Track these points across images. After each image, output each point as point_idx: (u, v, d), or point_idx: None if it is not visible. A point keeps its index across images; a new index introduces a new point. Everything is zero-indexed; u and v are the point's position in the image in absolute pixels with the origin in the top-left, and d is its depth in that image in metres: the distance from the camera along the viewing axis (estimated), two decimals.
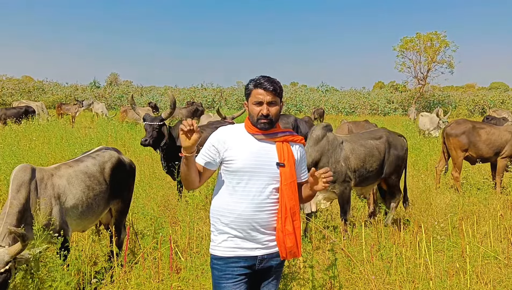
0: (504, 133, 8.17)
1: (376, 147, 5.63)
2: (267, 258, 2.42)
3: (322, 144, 5.26)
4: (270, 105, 2.41)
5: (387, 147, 5.73)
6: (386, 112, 38.07)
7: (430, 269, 4.18)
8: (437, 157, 10.89)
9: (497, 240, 5.39)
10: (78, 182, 3.94)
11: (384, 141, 5.72)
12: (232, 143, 2.43)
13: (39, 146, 10.68)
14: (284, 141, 2.47)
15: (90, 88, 43.53)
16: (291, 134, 2.53)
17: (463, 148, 8.20)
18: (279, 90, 2.45)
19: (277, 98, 2.45)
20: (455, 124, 8.51)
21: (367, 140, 5.63)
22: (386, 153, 5.70)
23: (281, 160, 2.40)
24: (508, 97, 41.06)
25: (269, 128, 2.43)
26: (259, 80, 2.44)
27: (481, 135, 8.17)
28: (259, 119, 2.41)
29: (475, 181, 8.05)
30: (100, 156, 4.36)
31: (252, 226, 2.35)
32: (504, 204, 6.83)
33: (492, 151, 8.10)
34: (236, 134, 2.47)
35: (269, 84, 2.41)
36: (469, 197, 6.91)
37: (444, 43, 36.37)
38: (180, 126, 2.24)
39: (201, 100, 36.79)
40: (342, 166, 5.29)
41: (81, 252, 4.09)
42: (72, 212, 3.82)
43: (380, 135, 5.79)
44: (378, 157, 5.60)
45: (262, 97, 2.40)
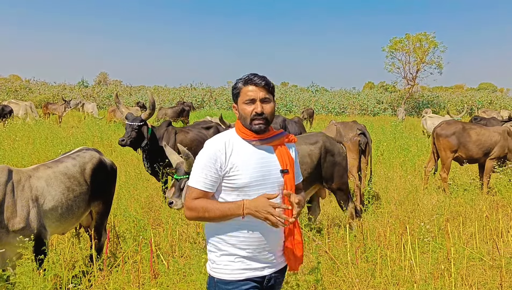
0: (494, 134, 8.17)
1: (308, 153, 5.26)
2: (274, 276, 2.28)
3: None
4: (264, 102, 2.20)
5: (323, 153, 5.35)
6: (376, 112, 38.18)
7: (415, 271, 4.14)
8: (425, 158, 10.89)
9: (483, 241, 5.37)
10: (58, 183, 3.84)
11: (319, 147, 5.34)
12: (230, 156, 2.17)
13: (22, 146, 10.51)
14: (281, 145, 2.29)
15: (78, 87, 43.15)
16: (283, 135, 2.33)
17: (453, 149, 8.19)
18: (271, 85, 2.24)
19: (270, 95, 2.24)
20: (445, 125, 8.48)
21: (300, 145, 5.21)
22: (321, 159, 5.33)
23: (284, 166, 2.22)
24: (496, 98, 41.41)
25: (265, 129, 2.21)
26: (249, 76, 2.22)
27: (471, 136, 8.16)
28: (253, 119, 2.18)
29: (462, 182, 8.05)
30: (80, 156, 4.27)
31: (263, 244, 2.19)
32: (490, 205, 6.83)
33: (482, 152, 8.10)
34: (230, 144, 2.21)
35: (260, 79, 2.20)
36: (456, 198, 6.89)
37: (433, 44, 36.54)
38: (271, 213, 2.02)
39: (190, 99, 36.61)
40: None
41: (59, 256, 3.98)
42: (51, 214, 3.71)
43: (315, 140, 5.41)
44: (310, 163, 5.23)
45: (254, 94, 2.19)
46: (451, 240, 4.66)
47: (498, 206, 6.63)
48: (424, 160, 10.62)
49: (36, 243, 3.48)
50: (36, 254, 3.48)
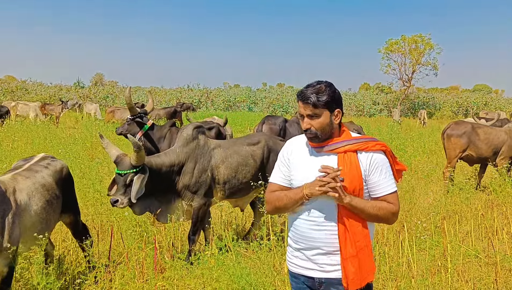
0: (501, 133, 8.46)
1: (251, 154, 5.03)
2: (326, 283, 2.20)
3: (191, 147, 4.70)
4: (311, 118, 2.19)
5: (266, 153, 5.14)
6: (372, 113, 38.34)
7: (413, 267, 4.24)
8: (421, 158, 11.03)
9: (478, 239, 5.49)
10: (39, 197, 3.55)
11: (262, 146, 5.14)
12: (294, 157, 2.30)
13: (21, 146, 10.55)
14: (347, 151, 2.20)
15: (75, 88, 43.06)
16: (360, 142, 2.23)
17: (463, 148, 8.40)
18: (317, 102, 2.16)
19: (319, 110, 2.17)
20: (454, 125, 8.78)
21: (242, 146, 5.03)
22: (264, 160, 5.12)
23: (341, 174, 2.11)
24: (491, 99, 41.66)
25: (318, 142, 2.23)
26: (301, 91, 2.23)
27: (480, 135, 8.43)
28: (305, 133, 2.25)
29: (458, 181, 8.17)
30: (52, 166, 3.94)
31: (309, 245, 2.21)
32: (486, 204, 6.96)
33: (491, 150, 8.35)
34: (299, 147, 2.33)
35: (311, 94, 2.17)
36: (452, 197, 7.02)
37: (429, 45, 36.67)
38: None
39: (187, 100, 36.63)
40: (208, 177, 4.70)
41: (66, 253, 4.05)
42: (30, 231, 3.42)
43: (257, 140, 5.21)
44: (253, 165, 5.00)
45: (302, 110, 2.21)
46: (448, 238, 4.77)
47: (493, 205, 6.75)
48: (420, 160, 10.75)
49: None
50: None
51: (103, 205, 5.82)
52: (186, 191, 4.63)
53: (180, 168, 4.60)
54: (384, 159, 2.26)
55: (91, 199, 5.96)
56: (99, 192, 6.01)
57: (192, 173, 4.62)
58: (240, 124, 20.46)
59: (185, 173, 4.60)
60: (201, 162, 4.68)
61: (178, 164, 4.59)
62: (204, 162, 4.71)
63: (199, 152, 4.72)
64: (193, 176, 4.62)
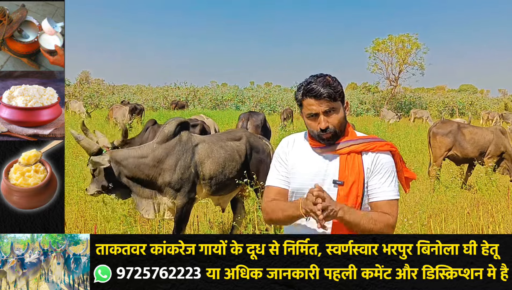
0: (487, 132, 8.55)
1: (237, 149, 4.96)
2: None
3: (172, 143, 4.56)
4: (328, 115, 1.95)
5: (248, 149, 5.08)
6: (359, 112, 38.52)
7: None
8: (407, 157, 11.08)
9: None
10: None
11: (244, 142, 5.07)
12: (292, 157, 2.07)
13: None
14: (351, 152, 2.00)
15: None
16: (366, 142, 2.04)
17: (448, 147, 8.46)
18: (335, 94, 1.94)
19: (336, 103, 1.96)
20: (441, 124, 8.87)
21: (227, 142, 4.95)
22: (247, 156, 5.06)
23: (342, 177, 1.96)
24: (476, 99, 42.12)
25: (335, 141, 2.00)
26: (308, 85, 1.95)
27: (465, 135, 8.50)
28: (320, 135, 1.97)
29: (444, 180, 8.23)
30: None
31: None
32: (471, 202, 7.00)
33: (477, 150, 8.42)
34: (297, 146, 2.09)
35: (321, 88, 1.92)
36: (438, 196, 7.06)
37: (416, 45, 37.01)
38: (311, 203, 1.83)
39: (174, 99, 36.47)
40: (192, 173, 4.60)
41: None
42: None
43: (240, 135, 5.14)
44: (239, 161, 4.93)
45: (316, 108, 1.94)
46: None
47: (479, 204, 6.79)
48: (406, 160, 10.79)
49: None
50: None
51: (87, 203, 5.73)
52: (167, 188, 4.54)
53: (157, 163, 4.46)
54: (390, 162, 2.04)
55: (75, 198, 5.88)
56: (83, 190, 5.91)
57: (173, 170, 4.51)
58: (228, 122, 20.40)
59: (164, 170, 4.49)
60: (183, 159, 4.56)
61: (153, 158, 4.44)
62: (187, 158, 4.58)
63: (181, 148, 4.58)
64: (174, 173, 4.53)
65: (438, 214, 6.20)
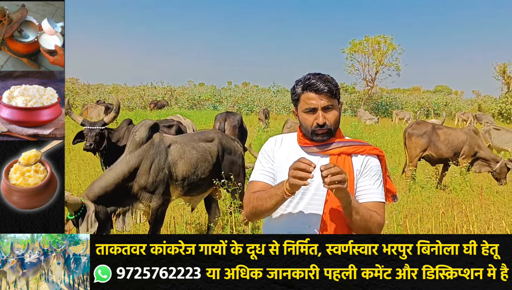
0: (461, 133, 8.69)
1: (209, 150, 4.95)
2: None
3: (144, 148, 4.45)
4: (326, 111, 1.95)
5: (220, 150, 5.07)
6: None
7: None
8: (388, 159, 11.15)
9: None
10: None
11: (216, 144, 5.06)
12: (280, 155, 2.05)
13: None
14: (341, 154, 1.99)
15: None
16: (356, 144, 2.04)
17: (423, 148, 8.55)
18: (335, 90, 1.96)
19: (334, 101, 1.98)
20: (416, 125, 9.00)
21: (199, 142, 4.92)
22: (219, 157, 5.04)
23: None
24: (451, 100, 42.93)
25: (327, 140, 1.99)
26: (309, 80, 1.95)
27: (440, 136, 8.61)
28: (315, 130, 1.96)
29: (419, 180, 8.31)
30: None
31: None
32: (446, 202, 7.07)
33: (451, 151, 8.52)
34: (285, 144, 2.08)
35: (322, 83, 1.93)
36: (414, 196, 7.11)
37: (391, 46, 37.51)
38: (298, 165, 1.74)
39: (150, 99, 36.11)
40: (166, 175, 4.53)
41: None
42: None
43: (212, 137, 5.10)
44: (211, 161, 4.91)
45: (315, 102, 1.94)
46: None
47: (453, 204, 6.86)
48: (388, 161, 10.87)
49: None
50: None
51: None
52: (143, 192, 4.42)
53: (134, 170, 4.36)
54: (379, 165, 2.06)
55: None
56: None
57: (148, 173, 4.41)
58: (205, 122, 20.28)
59: (140, 175, 4.38)
60: (157, 161, 4.47)
61: (129, 170, 4.33)
62: (161, 160, 4.50)
63: (154, 151, 4.49)
64: (149, 176, 4.42)
65: (413, 214, 6.24)
